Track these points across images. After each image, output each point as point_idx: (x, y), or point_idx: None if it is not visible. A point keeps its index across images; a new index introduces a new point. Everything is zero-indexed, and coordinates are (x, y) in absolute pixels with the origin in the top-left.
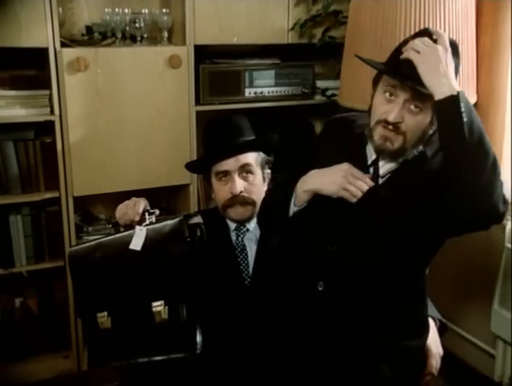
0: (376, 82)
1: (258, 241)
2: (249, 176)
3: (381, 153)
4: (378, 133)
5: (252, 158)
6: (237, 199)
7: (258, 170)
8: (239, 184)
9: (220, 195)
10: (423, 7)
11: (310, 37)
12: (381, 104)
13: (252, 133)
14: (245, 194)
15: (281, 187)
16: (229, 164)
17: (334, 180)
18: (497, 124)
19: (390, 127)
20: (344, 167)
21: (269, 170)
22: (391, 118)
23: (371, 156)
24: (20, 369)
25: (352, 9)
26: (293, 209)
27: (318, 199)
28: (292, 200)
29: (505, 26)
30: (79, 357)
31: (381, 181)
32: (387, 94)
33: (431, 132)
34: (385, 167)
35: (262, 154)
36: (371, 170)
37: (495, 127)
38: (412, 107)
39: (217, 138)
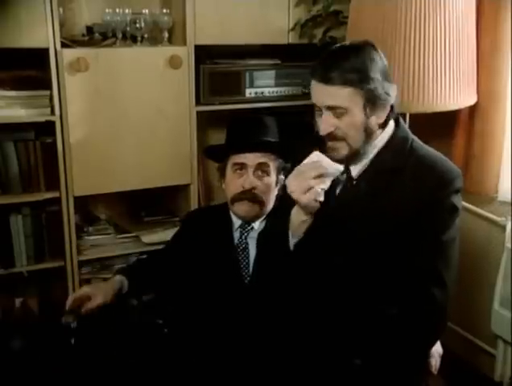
0: None
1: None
2: (264, 176)
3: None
4: (328, 146)
5: (271, 159)
6: (246, 195)
7: (273, 173)
8: (252, 180)
9: (231, 187)
10: (423, 7)
11: (310, 37)
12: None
13: (277, 136)
14: (255, 191)
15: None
16: (249, 158)
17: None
18: (497, 124)
19: (328, 138)
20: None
21: (283, 177)
22: (321, 131)
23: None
24: None
25: (352, 9)
26: (292, 241)
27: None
28: (290, 234)
29: (505, 26)
30: None
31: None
32: (317, 110)
33: (377, 127)
34: (355, 170)
35: (280, 160)
36: (343, 176)
37: (495, 127)
38: (337, 110)
39: (245, 130)
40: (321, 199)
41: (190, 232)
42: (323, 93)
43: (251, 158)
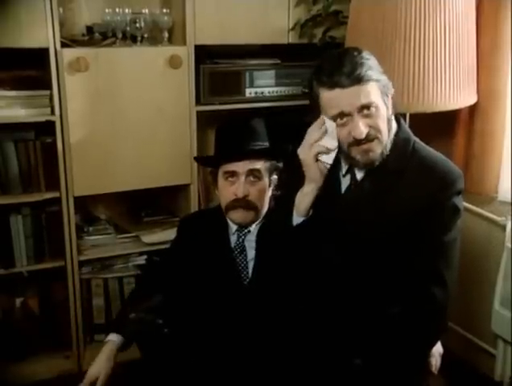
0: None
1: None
2: (255, 181)
3: (369, 165)
4: (357, 152)
5: (262, 164)
6: (240, 203)
7: (265, 177)
8: (244, 188)
9: (224, 195)
10: (423, 7)
11: (310, 37)
12: (341, 130)
13: (266, 138)
14: (249, 198)
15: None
16: (239, 166)
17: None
18: (497, 124)
19: (363, 141)
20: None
21: (276, 176)
22: (359, 135)
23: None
24: (20, 369)
25: (352, 9)
26: (297, 219)
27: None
28: (294, 211)
29: (505, 25)
30: (79, 357)
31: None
32: (339, 120)
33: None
34: (360, 172)
35: (271, 161)
36: (347, 178)
37: (495, 127)
38: (365, 111)
39: (232, 139)
40: (326, 162)
41: (186, 237)
42: (352, 95)
43: (241, 166)
